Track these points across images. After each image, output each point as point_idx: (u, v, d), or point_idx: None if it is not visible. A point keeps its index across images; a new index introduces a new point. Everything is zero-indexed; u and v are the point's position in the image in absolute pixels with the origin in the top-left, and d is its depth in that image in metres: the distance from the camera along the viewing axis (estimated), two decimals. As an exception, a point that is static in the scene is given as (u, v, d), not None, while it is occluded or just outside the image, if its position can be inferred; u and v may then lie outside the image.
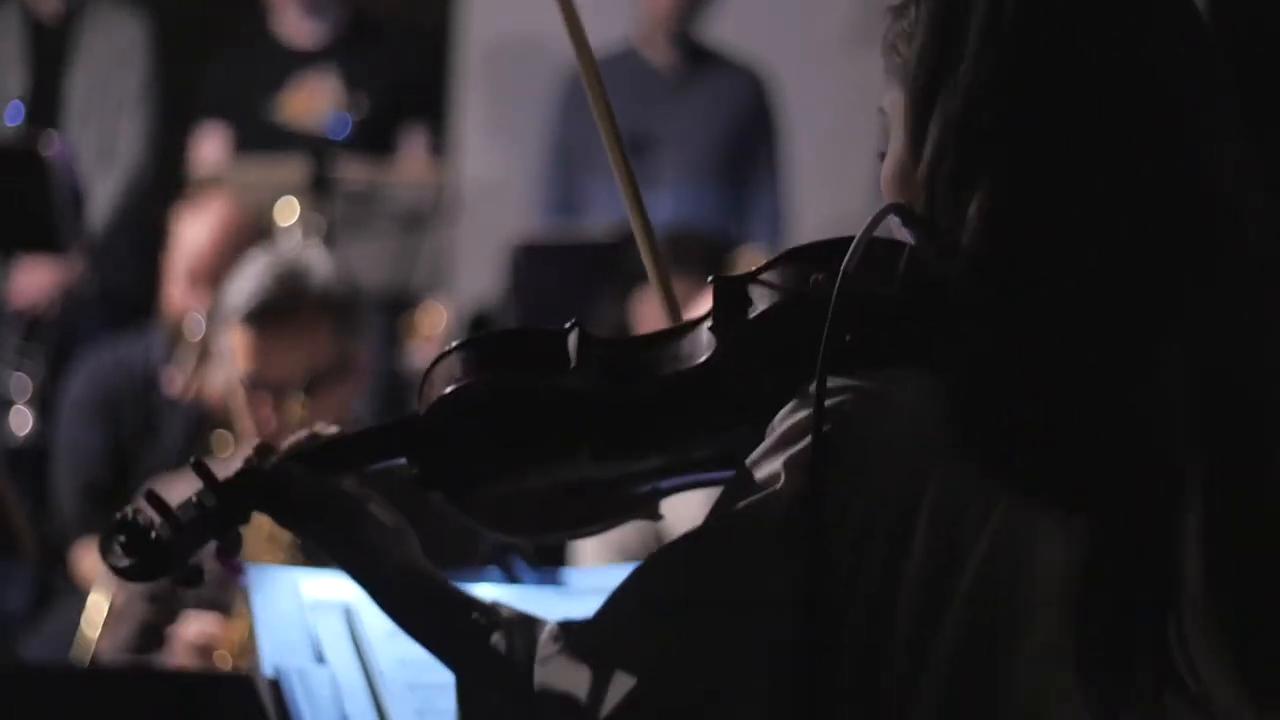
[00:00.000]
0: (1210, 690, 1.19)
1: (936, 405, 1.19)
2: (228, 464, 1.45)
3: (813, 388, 1.19)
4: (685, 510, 1.64)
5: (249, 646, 2.84)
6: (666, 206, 5.18)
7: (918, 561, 1.19)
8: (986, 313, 1.19)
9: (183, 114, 5.54)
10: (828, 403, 1.18)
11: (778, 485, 1.19)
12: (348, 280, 3.23)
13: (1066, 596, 1.19)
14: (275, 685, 1.71)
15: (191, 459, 1.45)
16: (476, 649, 1.31)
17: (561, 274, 5.12)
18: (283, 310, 2.89)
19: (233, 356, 2.99)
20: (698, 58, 5.41)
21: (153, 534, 1.35)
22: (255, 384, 2.93)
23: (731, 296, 1.28)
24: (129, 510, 1.37)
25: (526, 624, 1.31)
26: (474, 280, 5.64)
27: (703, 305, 1.32)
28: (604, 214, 5.21)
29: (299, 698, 1.70)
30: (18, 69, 5.37)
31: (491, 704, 1.31)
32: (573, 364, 1.32)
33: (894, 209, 1.25)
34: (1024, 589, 1.19)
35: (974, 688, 1.19)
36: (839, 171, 5.70)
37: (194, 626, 2.93)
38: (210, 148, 5.34)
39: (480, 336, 1.41)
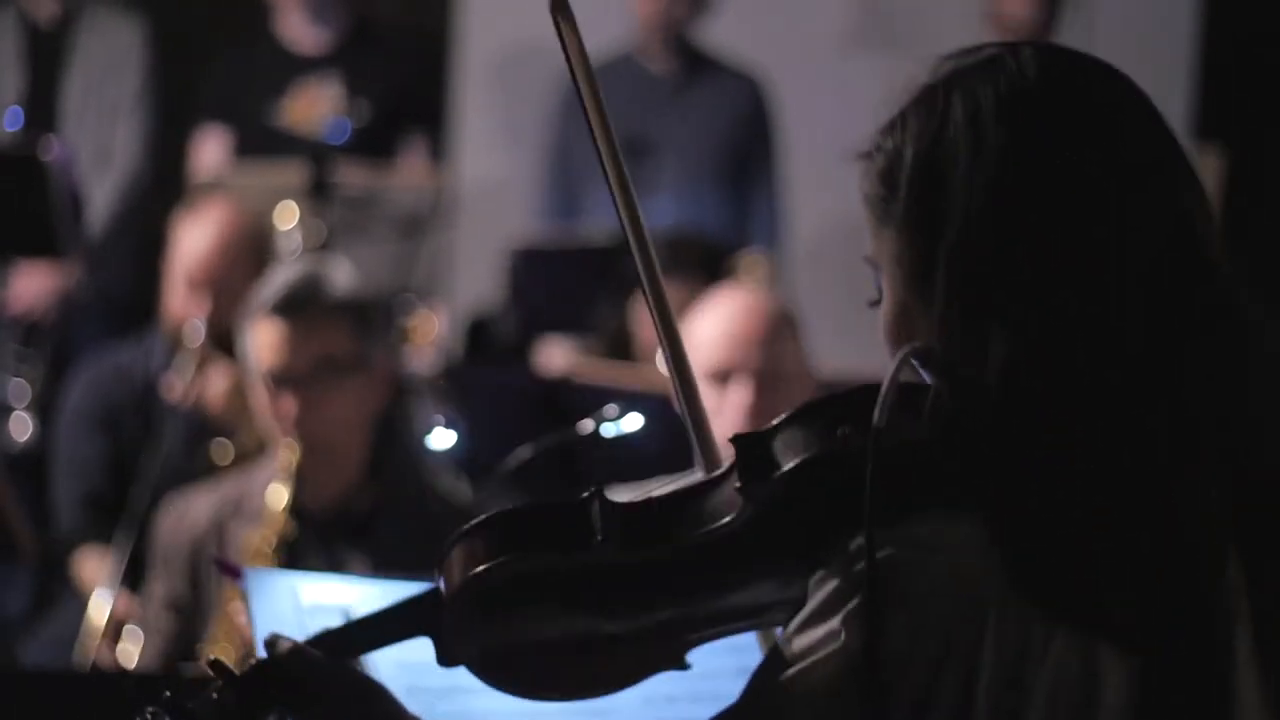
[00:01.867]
0: None
1: (983, 544, 1.18)
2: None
3: (855, 544, 1.19)
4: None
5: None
6: (666, 211, 5.18)
7: (985, 704, 1.18)
8: (1019, 447, 1.19)
9: (182, 117, 5.54)
10: (878, 555, 1.17)
11: (839, 642, 1.19)
12: (369, 292, 3.43)
13: None
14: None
15: (210, 658, 1.47)
16: None
17: (559, 278, 5.12)
18: (306, 300, 3.08)
19: (257, 354, 3.12)
20: (695, 63, 5.41)
21: None
22: (279, 379, 3.06)
23: (756, 455, 1.27)
24: (149, 712, 1.39)
25: None
26: (473, 284, 5.64)
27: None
28: (602, 218, 5.21)
29: (299, 702, 1.71)
30: (15, 73, 5.37)
31: None
32: (598, 537, 1.31)
33: (913, 353, 1.23)
34: None
35: None
36: (836, 175, 5.70)
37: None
38: (210, 150, 5.33)
39: (501, 516, 1.38)
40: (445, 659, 1.36)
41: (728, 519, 1.28)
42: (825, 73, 5.74)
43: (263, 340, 3.10)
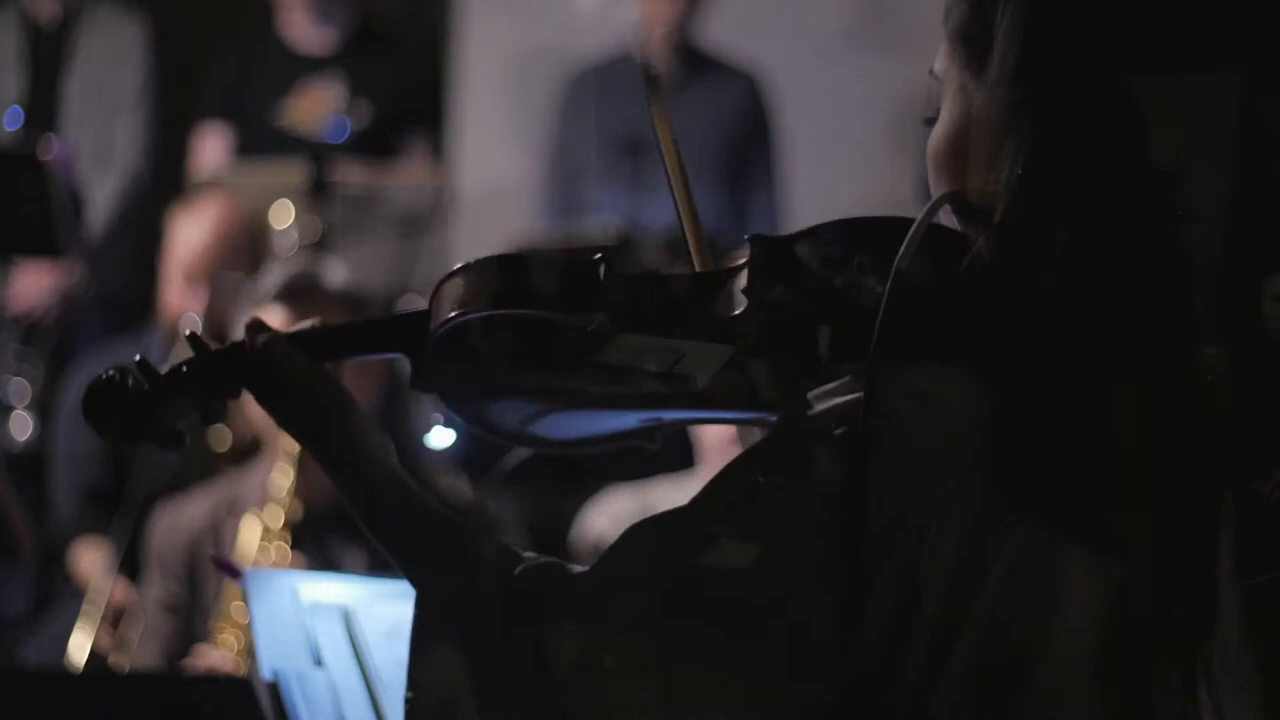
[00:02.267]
0: None
1: (977, 408, 1.16)
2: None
3: (853, 376, 1.16)
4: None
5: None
6: (665, 209, 5.16)
7: (945, 563, 1.16)
8: (1038, 320, 1.17)
9: (184, 117, 5.53)
10: (875, 395, 1.15)
11: (817, 467, 1.17)
12: (364, 287, 3.66)
13: (1089, 635, 1.17)
14: (273, 688, 1.72)
15: (187, 331, 1.46)
16: (446, 555, 1.29)
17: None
18: (309, 288, 3.21)
19: None
20: (695, 62, 5.40)
21: (137, 394, 1.37)
22: None
23: (770, 261, 1.24)
24: (115, 371, 1.38)
25: (508, 550, 1.28)
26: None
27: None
28: (602, 216, 5.21)
29: (297, 700, 1.70)
30: (16, 73, 5.36)
31: (448, 618, 1.27)
32: (596, 301, 1.26)
33: (949, 198, 1.21)
34: (1043, 618, 1.16)
35: (987, 710, 1.16)
36: (836, 172, 5.71)
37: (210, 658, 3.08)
38: (211, 149, 5.32)
39: (504, 260, 1.33)
40: (417, 384, 1.36)
41: (727, 315, 1.25)
42: (824, 70, 5.73)
43: None
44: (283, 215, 4.50)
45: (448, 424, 4.22)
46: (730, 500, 1.20)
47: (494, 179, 5.94)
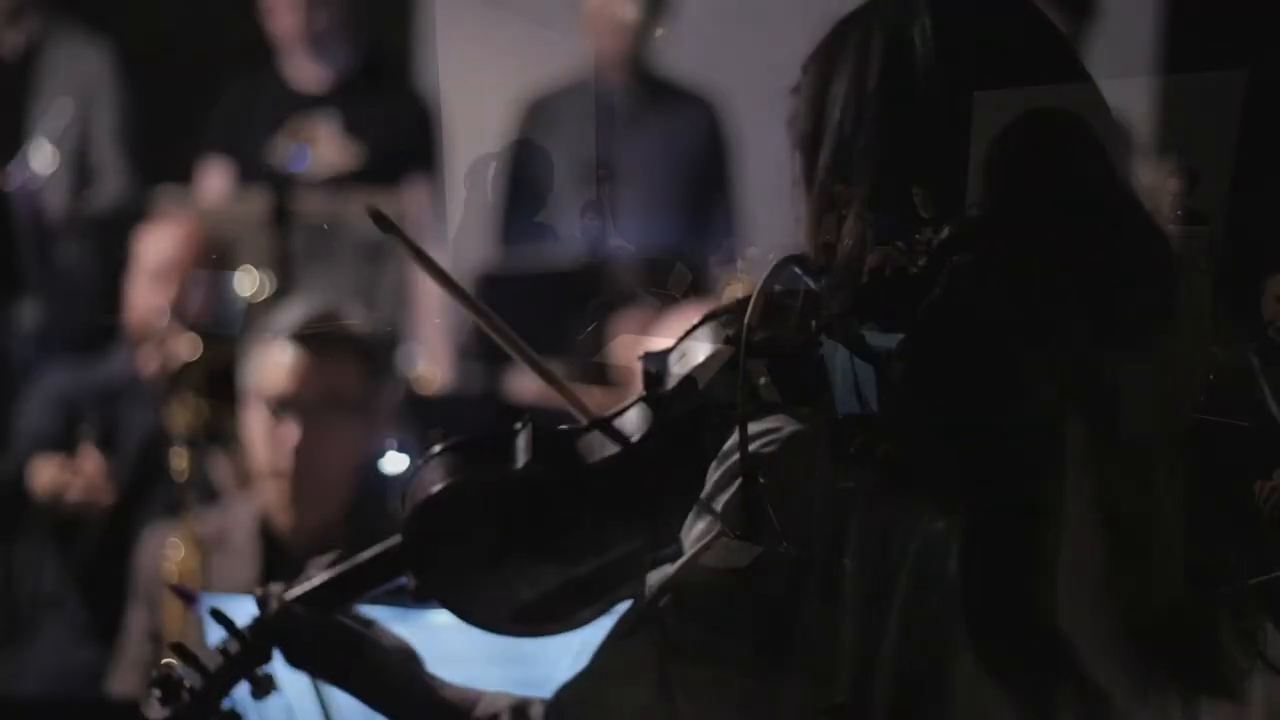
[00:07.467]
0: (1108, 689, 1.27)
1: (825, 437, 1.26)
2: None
3: (730, 442, 1.26)
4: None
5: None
6: (630, 236, 5.17)
7: (853, 574, 1.25)
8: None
9: (173, 150, 5.50)
10: (752, 448, 1.26)
11: (719, 527, 1.27)
12: (386, 336, 3.60)
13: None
14: (232, 715, 1.76)
15: (211, 609, 1.65)
16: None
17: (525, 302, 5.10)
18: (323, 333, 3.19)
19: (264, 377, 3.16)
20: (653, 89, 5.45)
21: (185, 685, 1.56)
22: (283, 405, 3.11)
23: (656, 368, 1.38)
24: (163, 666, 1.58)
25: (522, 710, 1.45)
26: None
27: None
28: (566, 241, 5.20)
29: (251, 728, 1.78)
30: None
31: None
32: (521, 460, 1.40)
33: (792, 260, 1.34)
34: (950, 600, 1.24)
35: (917, 697, 1.25)
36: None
37: None
38: (214, 181, 5.31)
39: (442, 448, 1.48)
40: (419, 594, 1.50)
41: (639, 435, 1.37)
42: (783, 95, 5.75)
43: (274, 364, 3.14)
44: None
45: (401, 449, 4.22)
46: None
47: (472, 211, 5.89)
